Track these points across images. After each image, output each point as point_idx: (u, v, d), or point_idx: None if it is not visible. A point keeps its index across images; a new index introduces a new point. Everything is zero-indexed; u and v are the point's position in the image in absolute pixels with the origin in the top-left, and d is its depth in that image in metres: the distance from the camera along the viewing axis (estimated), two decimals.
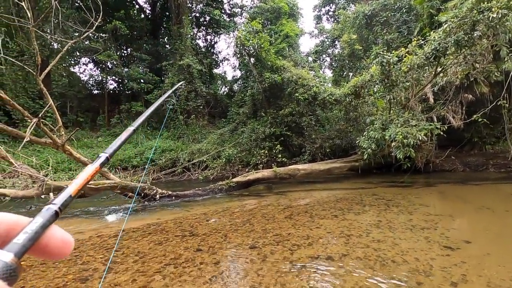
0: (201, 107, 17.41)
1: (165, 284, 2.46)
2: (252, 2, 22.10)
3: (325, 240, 3.48)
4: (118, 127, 16.57)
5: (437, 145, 9.54)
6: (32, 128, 5.11)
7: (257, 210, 5.42)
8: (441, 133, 7.50)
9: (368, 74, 9.46)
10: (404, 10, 13.26)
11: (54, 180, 6.76)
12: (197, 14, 21.00)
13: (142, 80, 17.79)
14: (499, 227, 3.81)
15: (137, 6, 20.82)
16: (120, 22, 16.34)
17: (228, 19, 22.03)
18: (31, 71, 6.05)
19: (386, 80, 8.54)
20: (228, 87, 22.88)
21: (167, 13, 20.12)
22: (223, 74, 24.02)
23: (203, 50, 21.63)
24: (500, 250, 2.98)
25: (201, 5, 20.04)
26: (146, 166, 12.24)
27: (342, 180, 9.30)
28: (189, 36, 18.48)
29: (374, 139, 8.16)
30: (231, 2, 22.53)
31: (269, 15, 19.28)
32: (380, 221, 4.22)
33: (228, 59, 23.48)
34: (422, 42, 8.08)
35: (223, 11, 21.72)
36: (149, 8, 20.90)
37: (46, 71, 6.15)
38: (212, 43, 22.84)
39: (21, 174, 6.05)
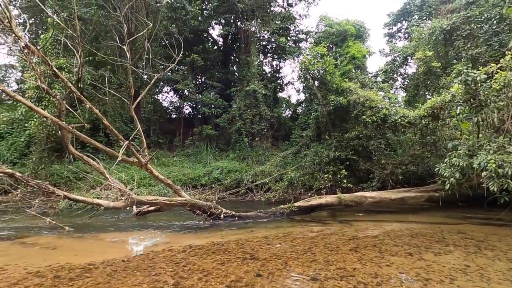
0: (265, 130, 17.92)
1: None
2: (318, 28, 22.44)
3: (397, 282, 3.11)
4: (190, 148, 18.17)
5: None
6: (124, 149, 6.02)
7: (320, 238, 5.19)
8: None
9: (449, 94, 8.47)
10: (494, 21, 11.68)
11: (137, 194, 7.71)
12: (264, 43, 22.25)
13: (213, 105, 19.39)
14: None
15: (211, 40, 23.17)
16: (197, 55, 18.37)
17: (293, 45, 22.71)
18: (126, 101, 7.21)
19: (472, 100, 7.52)
20: (291, 110, 23.15)
21: (237, 44, 21.83)
22: (287, 98, 24.49)
23: (269, 75, 22.57)
24: None
25: (268, 33, 21.23)
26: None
27: (418, 212, 8.26)
28: (256, 63, 19.59)
29: (458, 167, 7.12)
30: (296, 29, 23.28)
31: (335, 38, 19.22)
32: (468, 266, 3.58)
33: (292, 83, 23.94)
34: None
35: (288, 38, 22.54)
36: (222, 41, 23.00)
37: (137, 100, 7.26)
38: (278, 68, 23.71)
39: (113, 187, 7.09)
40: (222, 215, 6.95)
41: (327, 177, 11.77)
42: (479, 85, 7.30)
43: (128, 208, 7.16)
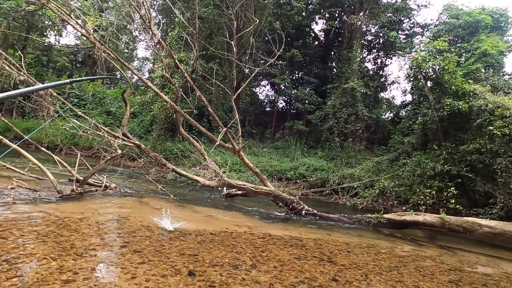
0: (360, 131, 16.76)
1: None
2: (439, 20, 19.25)
3: None
4: (280, 141, 18.67)
5: None
6: (222, 135, 6.66)
7: (411, 259, 4.58)
8: None
9: None
10: None
11: (228, 178, 8.46)
12: (370, 37, 20.56)
13: (306, 101, 19.28)
14: None
15: (312, 35, 22.86)
16: (296, 50, 18.50)
17: (405, 40, 20.24)
18: (228, 91, 7.91)
19: None
20: (394, 112, 20.81)
21: (339, 39, 20.88)
22: (390, 98, 22.13)
23: (371, 73, 20.83)
24: None
25: (376, 27, 19.49)
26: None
27: None
28: (358, 59, 18.35)
29: None
30: (411, 22, 20.58)
31: (461, 31, 16.15)
32: None
33: (398, 82, 21.44)
34: None
35: (400, 32, 20.17)
36: (323, 36, 22.40)
37: (238, 92, 7.87)
38: (382, 65, 21.62)
39: (209, 168, 7.97)
40: (303, 212, 6.93)
41: (429, 192, 10.19)
42: None
43: (219, 189, 7.97)
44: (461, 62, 14.40)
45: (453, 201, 9.53)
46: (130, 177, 9.16)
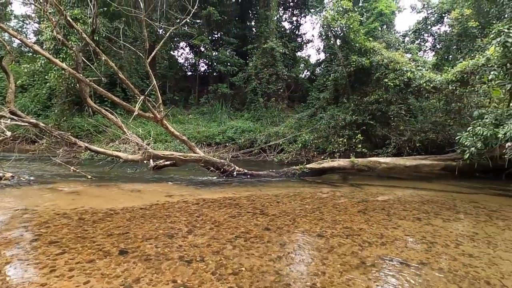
0: (282, 90, 17.51)
1: (235, 253, 2.69)
2: None
3: (402, 243, 3.19)
4: (205, 106, 18.21)
5: None
6: (140, 104, 6.08)
7: (329, 199, 5.30)
8: None
9: (483, 58, 7.81)
10: None
11: (154, 149, 7.98)
12: None
13: (228, 63, 18.88)
14: None
15: None
16: (213, 8, 17.45)
17: None
18: (141, 55, 7.10)
19: (508, 65, 6.91)
20: (310, 70, 22.24)
21: None
22: (306, 57, 23.41)
23: (288, 32, 21.38)
24: None
25: None
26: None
27: (432, 180, 8.18)
28: (275, 18, 18.47)
29: (482, 136, 6.83)
30: None
31: None
32: (476, 233, 3.60)
33: (312, 41, 22.69)
34: None
35: None
36: None
37: (152, 55, 7.13)
38: (298, 24, 22.34)
39: (131, 141, 7.34)
40: (235, 173, 7.15)
41: (342, 141, 11.66)
42: None
43: (145, 162, 7.49)
44: (363, 21, 15.91)
45: (360, 145, 11.16)
46: (33, 162, 7.77)
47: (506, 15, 11.18)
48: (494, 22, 11.47)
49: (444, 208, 4.89)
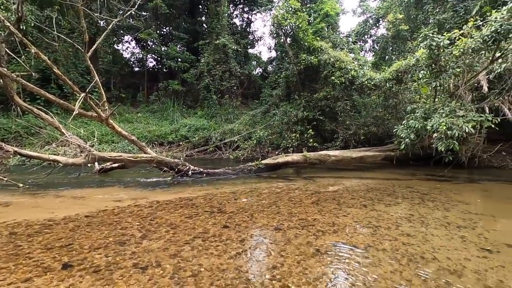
0: (235, 87, 17.50)
1: (193, 255, 2.63)
2: None
3: (351, 229, 3.44)
4: (156, 104, 17.33)
5: (486, 139, 8.70)
6: (80, 102, 5.54)
7: (285, 193, 5.47)
8: (493, 126, 6.82)
9: (413, 58, 8.76)
10: None
11: (99, 151, 7.35)
12: None
13: (179, 59, 18.21)
14: None
15: None
16: (161, 1, 16.61)
17: None
18: (80, 48, 6.46)
19: (433, 65, 7.86)
20: (262, 68, 22.61)
21: None
22: (258, 55, 23.72)
23: (239, 29, 21.39)
24: None
25: None
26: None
27: (375, 170, 8.98)
28: (226, 14, 18.31)
29: (414, 128, 7.68)
30: None
31: None
32: (412, 215, 4.05)
33: (263, 39, 23.07)
34: (481, 23, 7.21)
35: None
36: None
37: (93, 48, 6.54)
38: (248, 22, 22.48)
39: (71, 143, 6.66)
40: (190, 172, 6.96)
41: (295, 136, 12.11)
42: (442, 50, 7.59)
43: (89, 165, 6.86)
44: (311, 21, 16.64)
45: (311, 140, 11.73)
46: None
47: (431, 21, 12.69)
48: (421, 26, 12.96)
49: (386, 194, 5.41)
